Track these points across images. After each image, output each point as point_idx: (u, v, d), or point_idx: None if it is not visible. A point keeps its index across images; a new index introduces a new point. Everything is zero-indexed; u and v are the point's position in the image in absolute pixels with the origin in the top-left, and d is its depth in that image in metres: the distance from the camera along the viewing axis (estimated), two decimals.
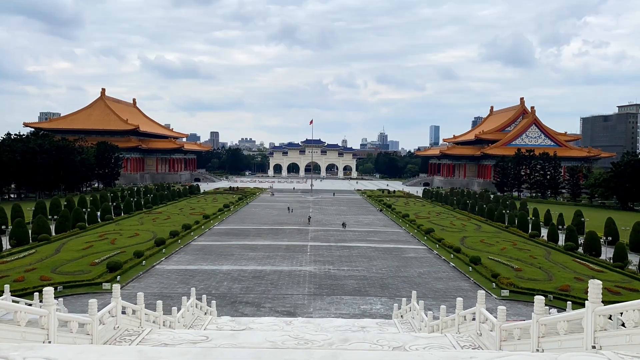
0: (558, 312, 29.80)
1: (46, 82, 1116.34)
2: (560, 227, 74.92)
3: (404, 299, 35.28)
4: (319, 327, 25.51)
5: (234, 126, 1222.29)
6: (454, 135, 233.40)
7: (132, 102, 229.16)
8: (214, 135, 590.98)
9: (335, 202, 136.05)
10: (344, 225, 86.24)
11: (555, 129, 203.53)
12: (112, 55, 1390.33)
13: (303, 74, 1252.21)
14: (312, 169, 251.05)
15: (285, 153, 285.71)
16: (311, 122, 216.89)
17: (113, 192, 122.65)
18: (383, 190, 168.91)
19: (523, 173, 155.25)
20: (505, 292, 45.90)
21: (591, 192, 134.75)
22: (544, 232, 77.74)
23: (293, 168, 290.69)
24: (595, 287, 11.92)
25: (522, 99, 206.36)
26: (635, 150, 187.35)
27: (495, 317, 16.87)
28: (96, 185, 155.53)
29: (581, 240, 67.04)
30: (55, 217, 75.57)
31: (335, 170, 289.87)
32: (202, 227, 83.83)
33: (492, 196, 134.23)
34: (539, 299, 14.66)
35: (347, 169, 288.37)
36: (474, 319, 19.15)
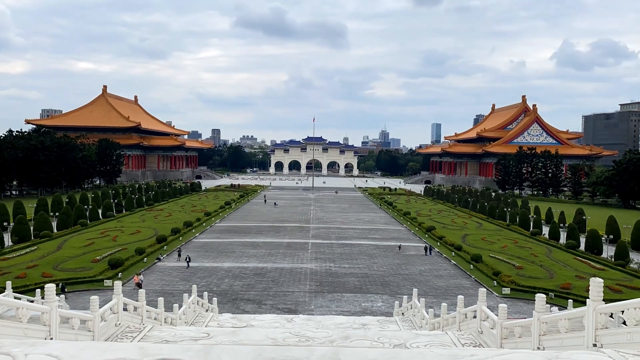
0: (559, 310, 29.79)
1: None
2: (561, 225, 74.85)
3: (405, 297, 35.31)
4: (320, 325, 25.52)
5: (235, 123, 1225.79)
6: (455, 133, 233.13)
7: (133, 99, 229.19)
8: (216, 132, 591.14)
9: (337, 199, 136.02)
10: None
11: (557, 126, 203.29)
12: None
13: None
14: (314, 166, 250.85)
15: (286, 150, 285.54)
16: (313, 119, 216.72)
17: (114, 189, 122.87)
18: (384, 188, 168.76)
19: (525, 171, 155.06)
20: (507, 290, 45.90)
21: (593, 190, 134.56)
22: (546, 230, 77.68)
23: (294, 165, 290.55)
24: (596, 285, 11.91)
25: (524, 97, 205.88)
26: (637, 149, 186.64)
27: (497, 315, 16.87)
28: (98, 182, 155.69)
29: (583, 238, 67.05)
30: (56, 214, 75.72)
31: (337, 168, 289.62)
32: (204, 224, 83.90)
33: (493, 194, 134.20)
34: (540, 297, 14.64)
35: (348, 166, 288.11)
36: (475, 317, 19.15)
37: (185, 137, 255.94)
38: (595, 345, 11.50)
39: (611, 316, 11.82)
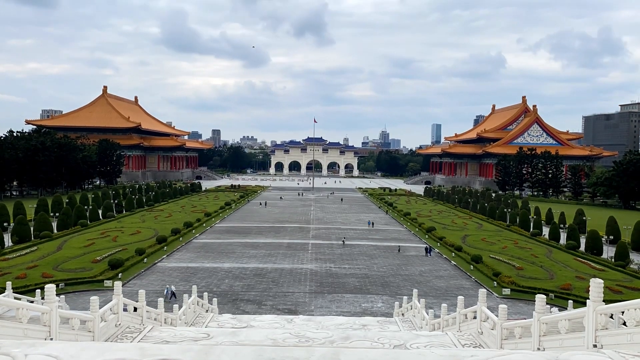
0: (559, 310, 29.78)
1: None
2: (561, 225, 74.86)
3: (405, 297, 35.28)
4: (320, 325, 25.51)
5: (235, 124, 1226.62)
6: (455, 134, 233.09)
7: (133, 99, 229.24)
8: (216, 133, 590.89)
9: (337, 200, 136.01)
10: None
11: (557, 127, 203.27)
12: None
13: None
14: (314, 167, 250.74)
15: (287, 151, 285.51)
16: (314, 120, 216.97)
17: (115, 189, 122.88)
18: (385, 189, 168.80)
19: (525, 172, 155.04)
20: (507, 291, 45.89)
21: (593, 191, 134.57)
22: (546, 230, 77.66)
23: (295, 166, 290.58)
24: (596, 285, 11.90)
25: (524, 97, 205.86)
26: (637, 149, 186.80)
27: (497, 316, 16.86)
28: (98, 182, 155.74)
29: (583, 239, 67.03)
30: (57, 214, 75.72)
31: (337, 169, 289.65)
32: (204, 224, 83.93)
33: (493, 195, 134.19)
34: (540, 298, 14.63)
35: (348, 167, 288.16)
36: (475, 318, 19.14)
37: (186, 137, 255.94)
38: (595, 346, 11.50)
39: (611, 317, 11.81)
